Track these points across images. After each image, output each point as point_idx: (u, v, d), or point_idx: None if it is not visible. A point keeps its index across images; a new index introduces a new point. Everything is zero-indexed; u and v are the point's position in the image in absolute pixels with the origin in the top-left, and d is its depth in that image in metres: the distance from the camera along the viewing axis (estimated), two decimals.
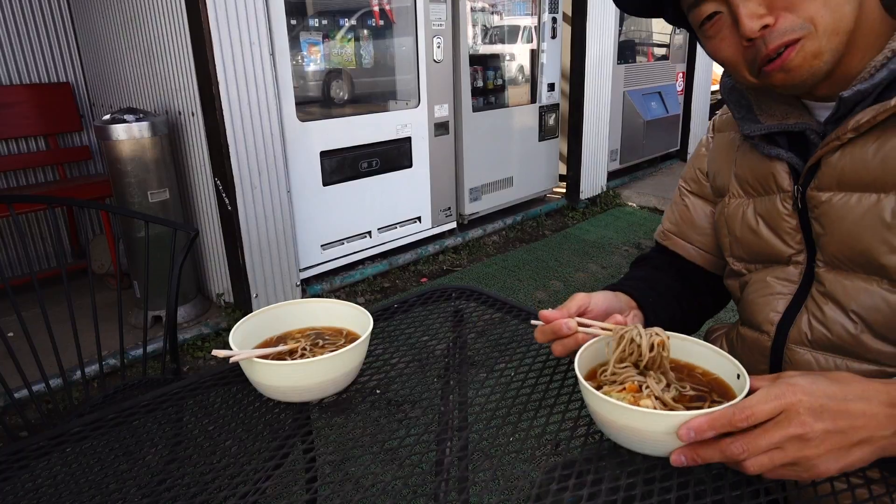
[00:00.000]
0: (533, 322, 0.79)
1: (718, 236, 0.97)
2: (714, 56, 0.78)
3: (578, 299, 0.82)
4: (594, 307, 0.83)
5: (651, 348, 0.72)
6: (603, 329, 0.76)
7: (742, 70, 0.76)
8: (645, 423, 0.63)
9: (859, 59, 0.73)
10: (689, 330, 1.05)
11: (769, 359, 0.85)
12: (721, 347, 0.95)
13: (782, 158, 0.82)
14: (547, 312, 0.78)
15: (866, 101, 0.72)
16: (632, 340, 0.73)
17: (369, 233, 3.63)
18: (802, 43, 0.70)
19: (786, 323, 0.83)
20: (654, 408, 0.67)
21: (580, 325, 0.77)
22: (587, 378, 0.72)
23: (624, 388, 0.70)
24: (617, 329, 0.75)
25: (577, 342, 0.76)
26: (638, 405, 0.66)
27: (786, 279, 0.84)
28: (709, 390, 0.71)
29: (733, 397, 0.66)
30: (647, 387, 0.70)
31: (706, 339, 1.03)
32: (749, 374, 0.80)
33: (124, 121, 2.66)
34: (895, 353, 0.74)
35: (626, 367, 0.73)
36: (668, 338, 0.73)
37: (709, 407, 0.65)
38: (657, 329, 0.74)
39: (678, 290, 1.00)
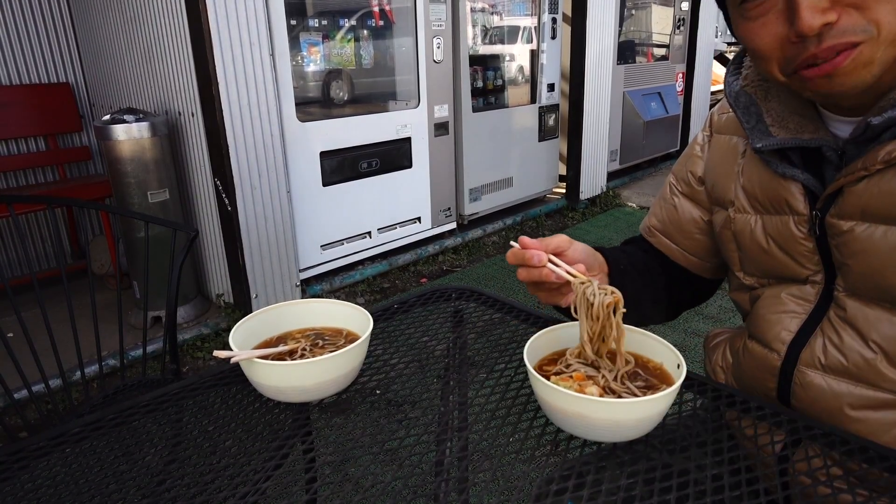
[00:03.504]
0: (512, 243, 0.82)
1: (724, 250, 0.93)
2: (746, 40, 0.70)
3: (559, 240, 0.82)
4: (570, 254, 0.82)
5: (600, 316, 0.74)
6: (568, 273, 0.78)
7: (772, 65, 0.69)
8: (581, 408, 0.66)
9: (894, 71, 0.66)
10: (664, 316, 1.05)
11: (777, 378, 0.82)
12: (724, 356, 0.94)
13: (798, 179, 0.77)
14: (526, 239, 0.80)
15: (895, 127, 0.67)
16: (585, 297, 0.75)
17: (369, 233, 3.63)
18: (860, 49, 0.62)
19: (798, 343, 0.80)
20: (600, 395, 0.70)
21: (550, 261, 0.79)
22: (547, 363, 0.78)
23: (572, 377, 0.74)
24: (575, 282, 0.77)
25: (540, 275, 0.78)
26: (584, 392, 0.70)
27: (801, 298, 0.81)
28: (658, 382, 0.74)
29: (673, 384, 0.70)
30: (601, 375, 0.74)
31: (706, 344, 1.03)
32: (757, 393, 0.81)
33: (124, 121, 2.66)
34: None
35: (580, 361, 0.78)
36: (620, 300, 0.74)
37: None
38: (612, 288, 0.75)
39: (658, 274, 0.99)
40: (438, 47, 3.67)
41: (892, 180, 0.68)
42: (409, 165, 3.72)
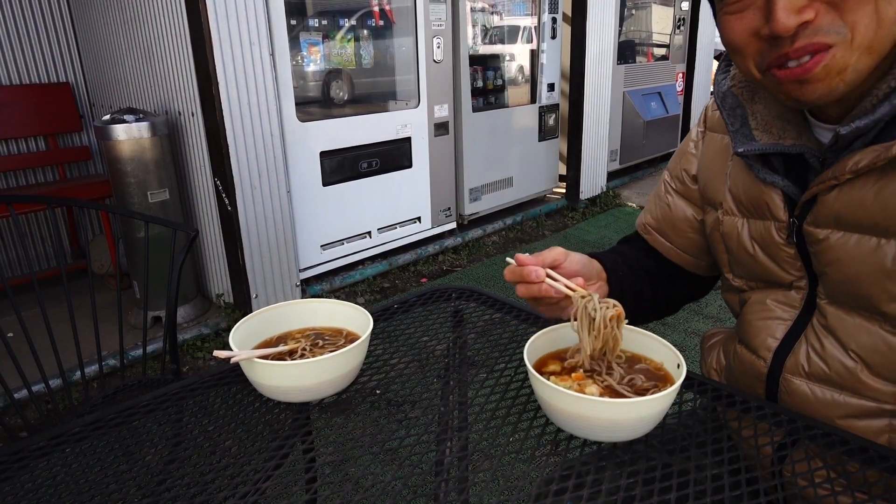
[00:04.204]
0: (508, 259, 0.81)
1: (714, 251, 0.93)
2: (724, 33, 0.69)
3: (555, 252, 0.81)
4: (567, 266, 0.82)
5: (605, 324, 0.74)
6: (567, 287, 0.78)
7: (748, 61, 0.68)
8: (581, 408, 0.67)
9: (874, 77, 0.65)
10: (663, 313, 1.05)
11: (765, 384, 0.82)
12: (717, 358, 0.95)
13: (777, 186, 0.77)
14: (522, 256, 0.80)
15: (866, 136, 0.67)
16: (587, 313, 0.75)
17: (369, 233, 3.63)
18: (833, 52, 0.61)
19: (783, 350, 0.80)
20: (600, 395, 0.71)
21: (548, 276, 0.79)
22: (548, 361, 0.78)
23: (571, 377, 0.74)
24: (576, 296, 0.76)
25: (540, 291, 0.77)
26: (584, 392, 0.70)
27: (787, 304, 0.81)
28: (658, 382, 0.74)
29: (673, 383, 0.70)
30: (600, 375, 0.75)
31: (702, 345, 1.03)
32: (747, 396, 0.82)
33: (124, 121, 2.66)
34: (895, 391, 0.72)
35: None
36: (622, 314, 0.75)
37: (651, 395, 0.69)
38: (613, 301, 0.75)
39: (655, 273, 0.99)
40: (438, 47, 3.67)
41: (862, 189, 0.68)
42: (409, 165, 3.72)
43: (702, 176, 0.93)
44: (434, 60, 3.67)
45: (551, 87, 4.62)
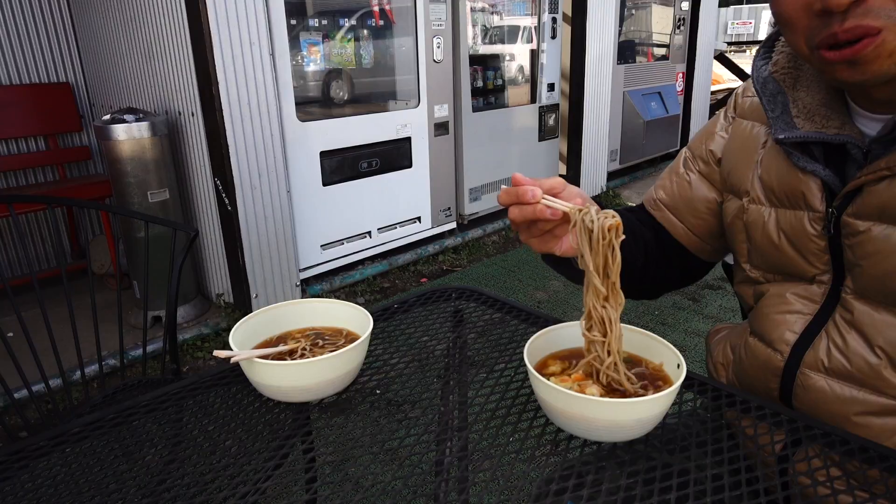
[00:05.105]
0: (503, 187, 0.77)
1: (733, 241, 0.91)
2: (774, 5, 0.68)
3: (553, 180, 0.77)
4: (566, 196, 0.77)
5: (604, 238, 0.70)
6: (563, 206, 0.73)
7: (798, 36, 0.67)
8: (581, 408, 0.67)
9: None
10: (646, 293, 1.02)
11: (780, 379, 0.81)
12: (724, 354, 0.94)
13: (818, 175, 0.75)
14: (520, 176, 0.75)
15: None
16: (585, 226, 0.71)
17: (369, 233, 3.63)
18: (883, 36, 0.60)
19: (802, 344, 0.78)
20: (600, 395, 0.70)
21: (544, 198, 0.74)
22: (548, 361, 0.78)
23: (570, 377, 0.74)
24: (573, 210, 0.72)
25: (534, 212, 0.72)
26: (584, 392, 0.69)
27: (807, 298, 0.80)
28: (661, 382, 0.74)
29: (673, 384, 0.69)
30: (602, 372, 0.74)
31: (708, 339, 1.02)
32: (759, 392, 0.81)
33: (124, 121, 2.66)
34: None
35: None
36: (621, 224, 0.70)
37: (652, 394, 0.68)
38: (612, 212, 0.71)
39: (652, 247, 0.95)
40: (438, 47, 3.67)
41: None
42: (409, 165, 3.72)
43: (727, 161, 0.91)
44: (434, 60, 3.67)
45: (551, 87, 4.63)
